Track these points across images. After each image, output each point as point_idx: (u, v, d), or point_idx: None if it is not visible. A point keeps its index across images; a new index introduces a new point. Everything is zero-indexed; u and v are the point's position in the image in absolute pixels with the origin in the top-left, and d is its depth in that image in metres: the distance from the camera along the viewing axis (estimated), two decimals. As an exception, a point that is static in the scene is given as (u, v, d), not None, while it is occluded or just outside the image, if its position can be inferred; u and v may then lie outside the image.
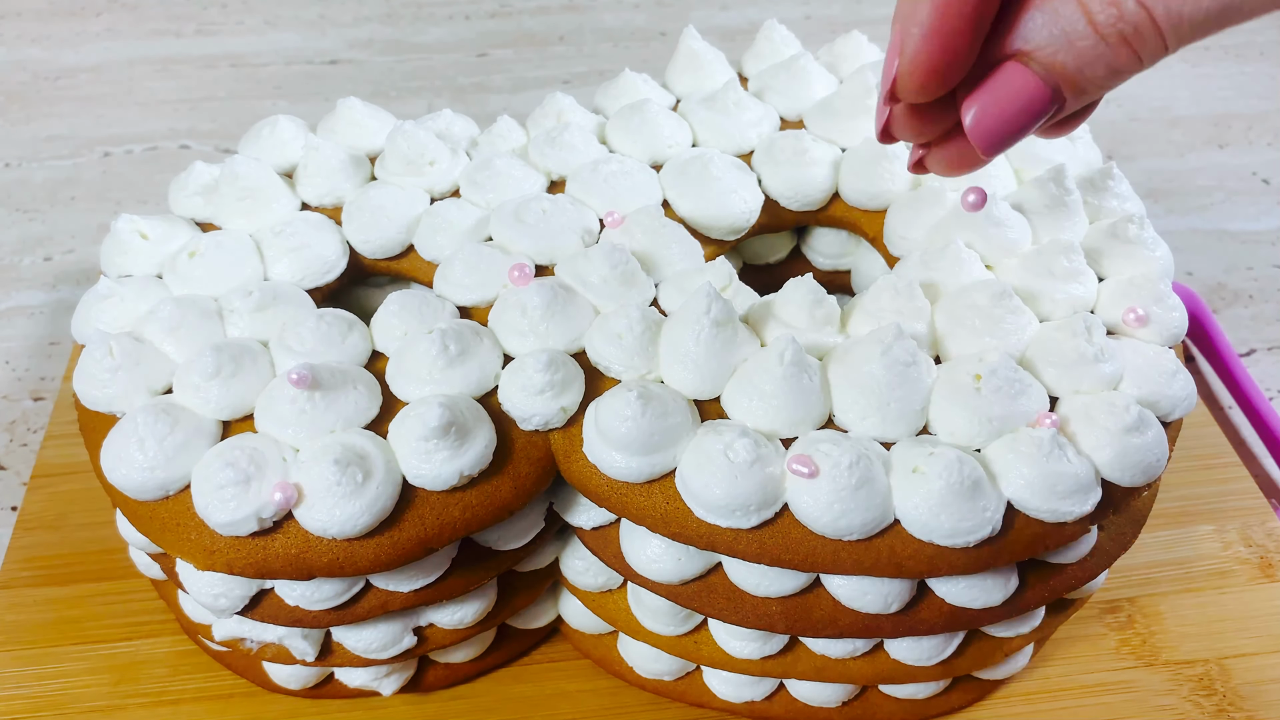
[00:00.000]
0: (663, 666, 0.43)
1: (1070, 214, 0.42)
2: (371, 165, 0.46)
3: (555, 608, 0.45)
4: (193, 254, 0.41)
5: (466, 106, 0.78)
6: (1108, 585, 0.47)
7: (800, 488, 0.34)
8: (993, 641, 0.40)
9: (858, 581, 0.36)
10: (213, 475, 0.34)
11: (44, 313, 0.63)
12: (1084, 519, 0.35)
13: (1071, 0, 0.24)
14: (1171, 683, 0.44)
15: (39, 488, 0.51)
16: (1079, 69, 0.24)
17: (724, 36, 0.84)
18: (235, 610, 0.38)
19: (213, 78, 0.81)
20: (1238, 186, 0.72)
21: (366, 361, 0.39)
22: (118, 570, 0.47)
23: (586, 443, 0.36)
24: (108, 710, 0.43)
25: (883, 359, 0.35)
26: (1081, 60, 0.24)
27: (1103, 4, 0.23)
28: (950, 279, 0.39)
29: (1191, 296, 0.59)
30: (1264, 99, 0.80)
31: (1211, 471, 0.52)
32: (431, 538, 0.35)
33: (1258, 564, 0.48)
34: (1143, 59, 0.24)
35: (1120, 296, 0.39)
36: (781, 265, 0.51)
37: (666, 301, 0.40)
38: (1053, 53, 0.24)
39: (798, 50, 0.51)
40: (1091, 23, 0.24)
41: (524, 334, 0.38)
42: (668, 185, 0.44)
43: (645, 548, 0.38)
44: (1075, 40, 0.24)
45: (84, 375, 0.38)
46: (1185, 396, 0.37)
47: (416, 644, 0.40)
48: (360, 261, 0.44)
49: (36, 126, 0.76)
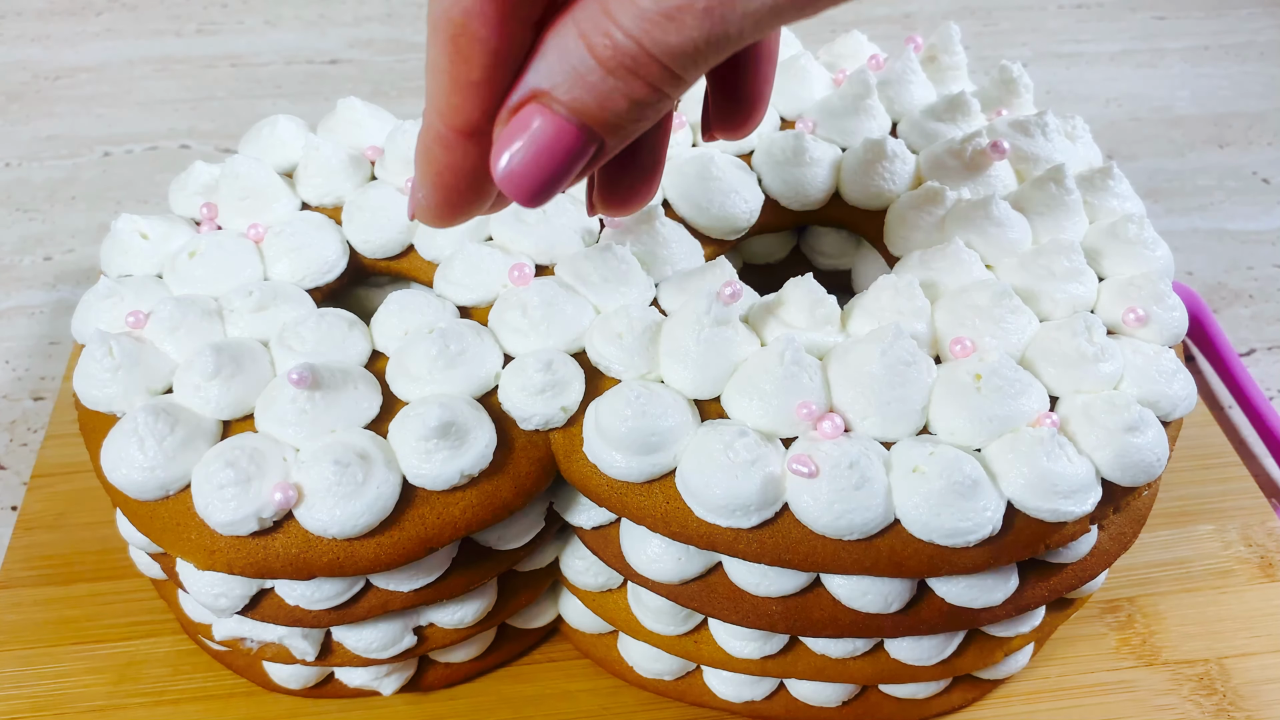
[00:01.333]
0: (663, 666, 0.43)
1: (1070, 214, 0.42)
2: (372, 166, 0.46)
3: (555, 607, 0.45)
4: (193, 254, 0.41)
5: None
6: (1108, 585, 0.47)
7: (800, 487, 0.34)
8: (993, 641, 0.40)
9: (858, 581, 0.36)
10: (213, 475, 0.34)
11: (44, 313, 0.63)
12: (1084, 518, 0.35)
13: (574, 34, 0.23)
14: (1171, 682, 0.44)
15: (39, 488, 0.51)
16: (599, 105, 0.23)
17: (724, 36, 0.84)
18: (235, 610, 0.38)
19: (213, 78, 0.81)
20: (1238, 186, 0.72)
21: (366, 361, 0.39)
22: (118, 570, 0.47)
23: (586, 442, 0.36)
24: (108, 710, 0.43)
25: (883, 359, 0.35)
26: (598, 95, 0.23)
27: (600, 36, 0.22)
28: (950, 279, 0.39)
29: (1191, 296, 0.59)
30: (1264, 99, 0.80)
31: (1211, 471, 0.52)
32: (432, 537, 0.35)
33: (1258, 564, 0.48)
34: (661, 88, 0.23)
35: (1120, 296, 0.39)
36: (781, 265, 0.51)
37: (666, 301, 0.40)
38: (569, 90, 0.23)
39: (798, 50, 0.51)
40: (595, 56, 0.23)
41: (524, 334, 0.38)
42: (668, 185, 0.44)
43: (645, 547, 0.38)
44: (585, 75, 0.23)
45: (84, 375, 0.38)
46: (1185, 396, 0.37)
47: (416, 644, 0.40)
48: (360, 261, 0.44)
49: (36, 126, 0.76)
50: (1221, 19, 0.88)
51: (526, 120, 0.24)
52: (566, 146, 0.24)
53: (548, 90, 0.23)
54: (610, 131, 0.24)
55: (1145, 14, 0.88)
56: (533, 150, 0.24)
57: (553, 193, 0.25)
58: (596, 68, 0.23)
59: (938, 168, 0.44)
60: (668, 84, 0.23)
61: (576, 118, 0.24)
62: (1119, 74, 0.82)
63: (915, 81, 0.49)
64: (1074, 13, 0.88)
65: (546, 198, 0.25)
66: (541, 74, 0.24)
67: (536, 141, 0.24)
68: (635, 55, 0.22)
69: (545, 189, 0.25)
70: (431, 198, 0.26)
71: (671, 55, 0.22)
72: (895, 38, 0.83)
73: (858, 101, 0.46)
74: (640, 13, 0.22)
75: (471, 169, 0.25)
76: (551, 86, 0.23)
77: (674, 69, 0.23)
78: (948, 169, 0.44)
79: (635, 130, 0.24)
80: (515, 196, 0.25)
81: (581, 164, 0.25)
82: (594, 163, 0.25)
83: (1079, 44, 0.85)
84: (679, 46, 0.22)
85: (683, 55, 0.22)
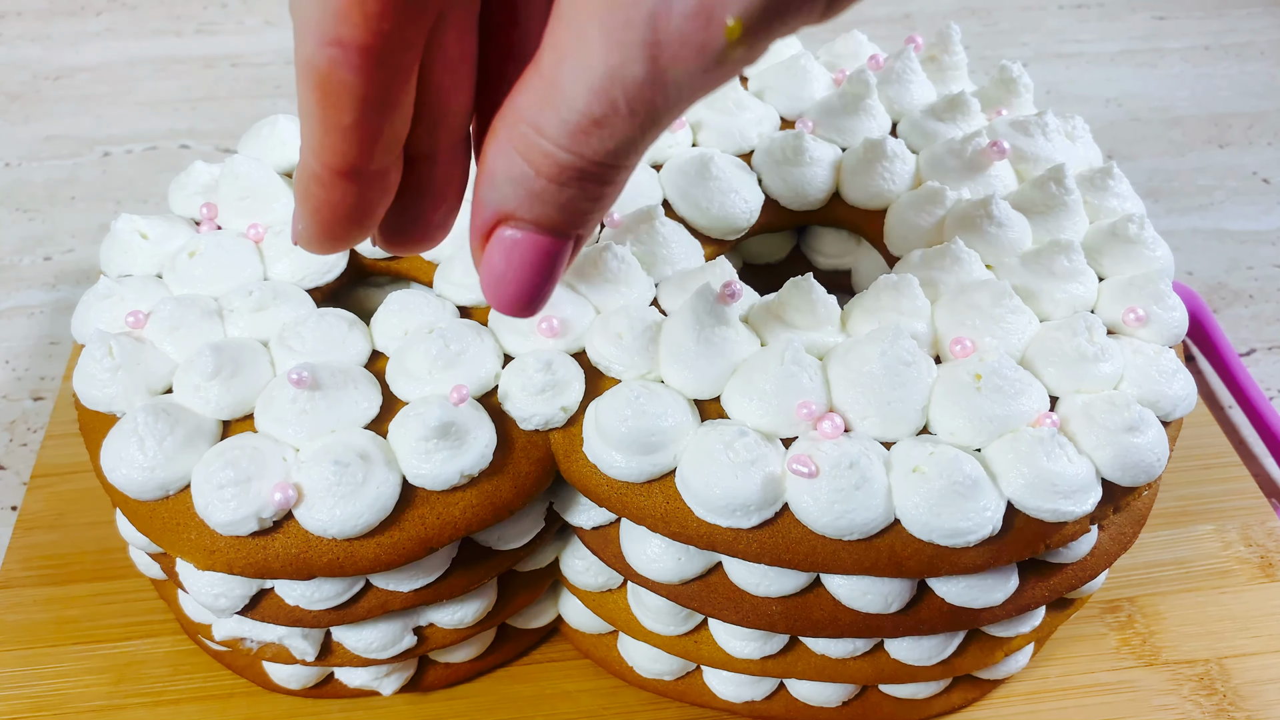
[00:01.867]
0: (663, 666, 0.43)
1: (1070, 213, 0.42)
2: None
3: (555, 608, 0.45)
4: (193, 254, 0.41)
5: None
6: (1108, 585, 0.47)
7: (800, 487, 0.34)
8: (993, 641, 0.40)
9: (858, 581, 0.36)
10: (213, 475, 0.34)
11: (44, 312, 0.63)
12: (1084, 518, 0.35)
13: (514, 154, 0.23)
14: (1172, 682, 0.44)
15: (39, 488, 0.51)
16: (564, 213, 0.24)
17: (724, 36, 0.84)
18: (235, 610, 0.38)
19: (213, 78, 0.81)
20: (1238, 186, 0.72)
21: (366, 361, 0.39)
22: (117, 570, 0.47)
23: (586, 442, 0.36)
24: (108, 710, 0.43)
25: (882, 359, 0.35)
26: (560, 206, 0.24)
27: (539, 156, 0.23)
28: (950, 279, 0.39)
29: (1191, 296, 0.59)
30: (1264, 99, 0.80)
31: (1211, 471, 0.52)
32: (432, 537, 0.35)
33: (1258, 564, 0.48)
34: (616, 178, 0.23)
35: (1120, 296, 0.39)
36: (781, 265, 0.51)
37: (666, 301, 0.40)
38: (531, 209, 0.24)
39: (798, 50, 0.51)
40: (543, 175, 0.23)
41: (524, 334, 0.38)
42: (668, 185, 0.44)
43: (645, 547, 0.38)
44: (541, 194, 0.23)
45: (84, 375, 0.38)
46: (1185, 396, 0.37)
47: (416, 644, 0.40)
48: (360, 261, 0.44)
49: (36, 126, 0.76)
50: (1221, 19, 0.88)
51: (502, 244, 0.24)
52: (548, 254, 0.25)
53: (511, 212, 0.24)
54: (582, 226, 0.24)
55: (1145, 14, 0.88)
56: (519, 269, 0.25)
57: (548, 295, 0.26)
58: (549, 185, 0.23)
59: (938, 168, 0.44)
60: (620, 175, 0.23)
61: (548, 230, 0.24)
62: (1119, 74, 0.82)
63: (915, 81, 0.49)
64: (1074, 13, 0.88)
65: (542, 304, 0.26)
66: (498, 196, 0.24)
67: (519, 260, 0.24)
68: (580, 166, 0.23)
69: (538, 296, 0.25)
70: (310, 230, 0.26)
71: (614, 156, 0.23)
72: (895, 38, 0.83)
73: (858, 101, 0.46)
74: (570, 127, 0.22)
75: (349, 206, 0.25)
76: (515, 208, 0.24)
77: (621, 165, 0.23)
78: (948, 169, 0.44)
79: (603, 213, 0.25)
80: (515, 314, 0.26)
81: (565, 262, 0.25)
82: (575, 254, 0.25)
83: (1079, 44, 0.85)
84: (618, 147, 0.22)
85: (623, 152, 0.23)
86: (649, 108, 0.22)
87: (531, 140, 0.23)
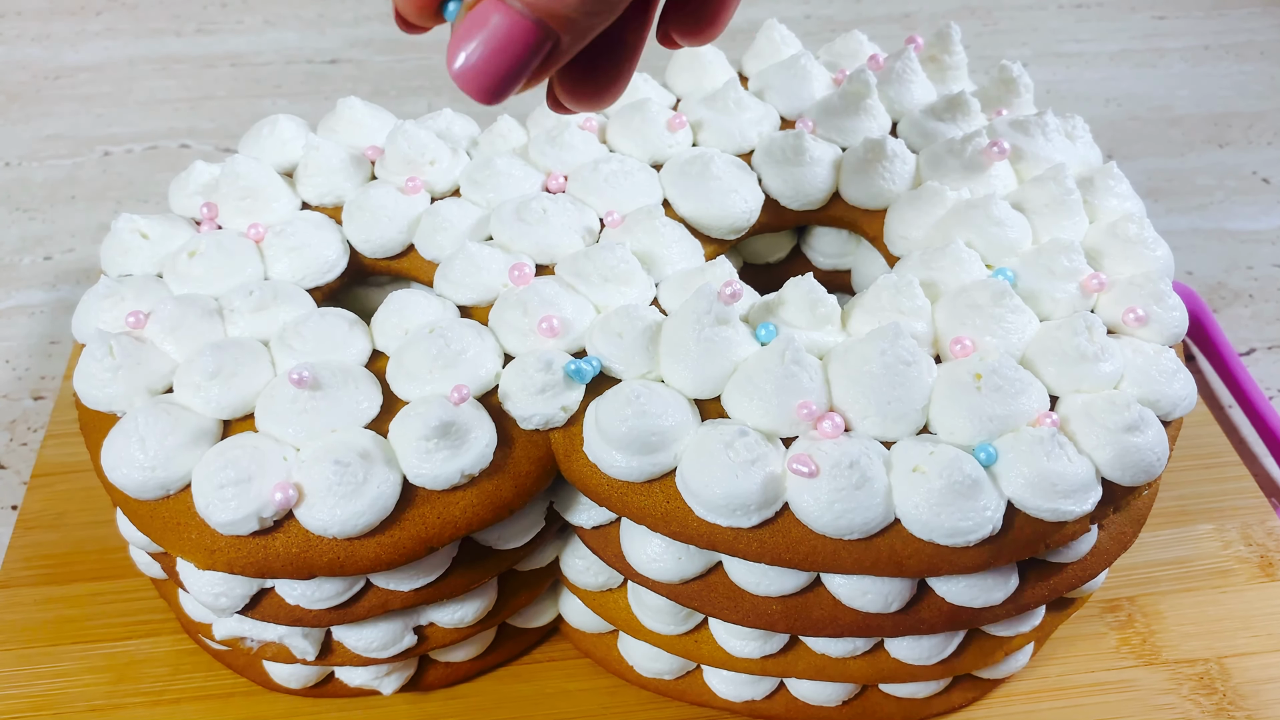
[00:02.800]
0: (663, 665, 0.43)
1: (1070, 213, 0.42)
2: (372, 165, 0.46)
3: (555, 607, 0.45)
4: (193, 254, 0.41)
5: (466, 106, 0.78)
6: (1108, 584, 0.47)
7: (800, 487, 0.34)
8: (993, 640, 0.40)
9: (858, 581, 0.36)
10: (213, 474, 0.34)
11: (44, 312, 0.63)
12: (1084, 518, 0.35)
13: None
14: (1171, 682, 0.44)
15: (39, 487, 0.51)
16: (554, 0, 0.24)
17: (724, 36, 0.84)
18: (235, 609, 0.38)
19: (213, 77, 0.81)
20: (1238, 185, 0.72)
21: (366, 361, 0.39)
22: (117, 569, 0.47)
23: (587, 442, 0.36)
24: (108, 709, 0.43)
25: (882, 358, 0.35)
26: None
27: None
28: (950, 278, 0.39)
29: (1191, 296, 0.59)
30: (1264, 98, 0.80)
31: (1211, 471, 0.52)
32: (432, 537, 0.35)
33: (1258, 563, 0.48)
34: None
35: (1120, 296, 0.39)
36: (781, 265, 0.51)
37: (667, 301, 0.40)
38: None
39: (798, 50, 0.51)
40: None
41: (524, 334, 0.38)
42: (668, 185, 0.44)
43: (645, 547, 0.38)
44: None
45: (84, 375, 0.38)
46: (1185, 396, 0.37)
47: (417, 643, 0.40)
48: (360, 261, 0.44)
49: (36, 126, 0.76)
50: (1221, 19, 0.88)
51: (483, 16, 0.24)
52: (523, 43, 0.24)
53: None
54: (567, 28, 0.24)
55: (1145, 14, 0.88)
56: (489, 47, 0.24)
57: (510, 90, 0.25)
58: None
59: (938, 168, 0.45)
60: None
61: (533, 13, 0.24)
62: (1119, 74, 0.82)
63: (915, 81, 0.49)
64: (1074, 13, 0.88)
65: (504, 95, 0.25)
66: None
67: (493, 38, 0.24)
68: None
69: (502, 86, 0.25)
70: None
71: None
72: (895, 38, 0.83)
73: (858, 101, 0.46)
74: None
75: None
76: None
77: None
78: (948, 169, 0.44)
79: (594, 27, 0.24)
80: (472, 93, 0.25)
81: (538, 61, 0.24)
82: (551, 60, 0.25)
83: (1079, 44, 0.85)
84: None
85: None
86: None
87: None
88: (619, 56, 0.29)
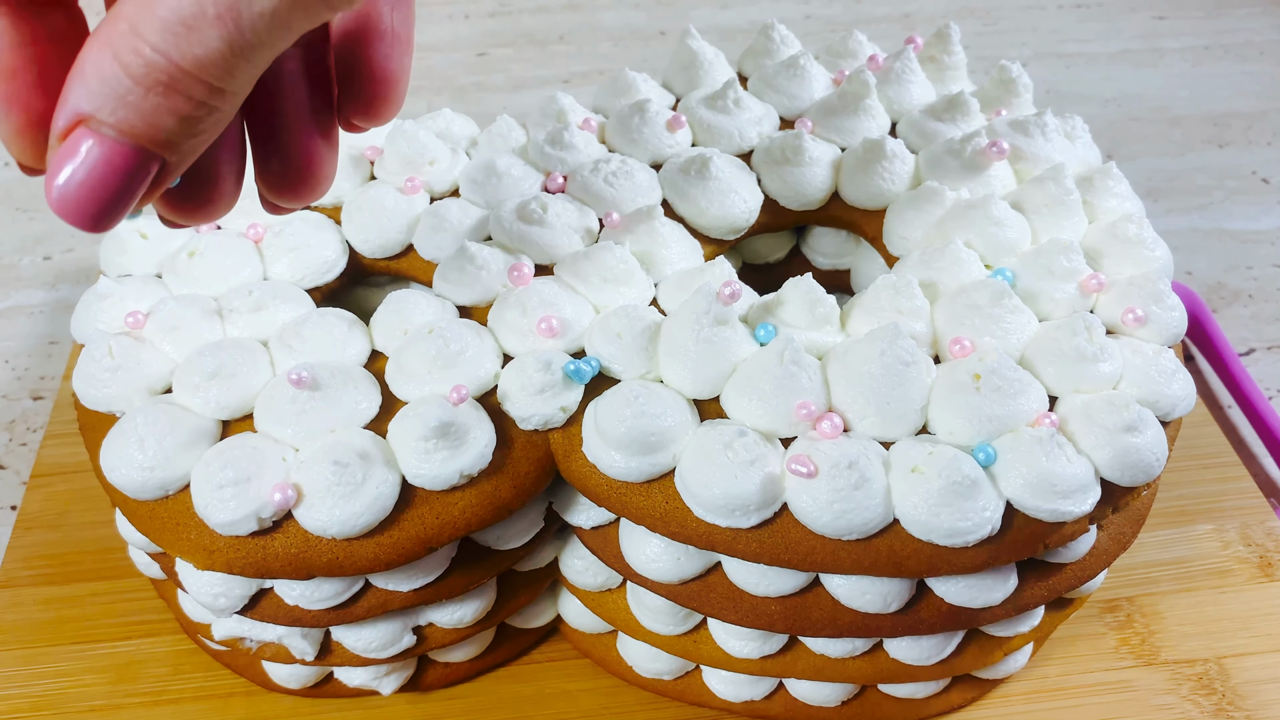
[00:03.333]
0: (662, 666, 0.43)
1: (1069, 213, 0.42)
2: (372, 166, 0.46)
3: (555, 607, 0.45)
4: (192, 253, 0.41)
5: (466, 106, 0.78)
6: (1107, 584, 0.47)
7: (799, 487, 0.34)
8: (992, 640, 0.40)
9: (857, 581, 0.36)
10: (212, 475, 0.34)
11: (44, 312, 0.63)
12: (1083, 518, 0.35)
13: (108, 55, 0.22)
14: (1171, 682, 0.44)
15: (39, 487, 0.51)
16: (147, 124, 0.23)
17: (724, 36, 0.84)
18: (235, 610, 0.38)
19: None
20: (1237, 186, 0.72)
21: (366, 361, 0.39)
22: (117, 570, 0.47)
23: (586, 442, 0.36)
24: (107, 709, 0.43)
25: (881, 358, 0.35)
26: (143, 115, 0.23)
27: (131, 54, 0.22)
28: (949, 278, 0.39)
29: (1191, 296, 0.59)
30: (1264, 98, 0.80)
31: (1211, 471, 0.52)
32: (431, 537, 0.35)
33: (1257, 563, 0.48)
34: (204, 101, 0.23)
35: (1119, 296, 0.39)
36: (781, 265, 0.51)
37: (666, 301, 0.40)
38: (113, 113, 0.23)
39: (798, 50, 0.51)
40: (130, 75, 0.22)
41: (524, 334, 0.38)
42: (667, 185, 0.44)
43: (644, 547, 0.38)
44: (125, 96, 0.22)
45: (83, 375, 0.38)
46: (1184, 396, 0.37)
47: (416, 643, 0.40)
48: (360, 261, 0.44)
49: (36, 126, 0.76)
50: (1221, 19, 0.88)
51: (76, 145, 0.23)
52: (123, 168, 0.23)
53: (92, 114, 0.23)
54: (167, 149, 0.24)
55: (1145, 14, 0.88)
56: (88, 174, 0.23)
57: (119, 215, 0.24)
58: (134, 87, 0.22)
59: (937, 168, 0.45)
60: (210, 96, 0.23)
61: (128, 139, 0.23)
62: (1118, 73, 0.82)
63: (915, 81, 0.49)
64: (1074, 12, 0.88)
65: (112, 221, 0.24)
66: (83, 96, 0.23)
67: (91, 165, 0.23)
68: (168, 70, 0.22)
69: (107, 212, 0.24)
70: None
71: (201, 67, 0.22)
72: (895, 38, 0.83)
73: (857, 101, 0.46)
74: (162, 25, 0.22)
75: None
76: (95, 110, 0.23)
77: (210, 81, 0.22)
78: (947, 169, 0.44)
79: (197, 145, 0.24)
80: (74, 222, 0.24)
81: (145, 183, 0.24)
82: (161, 180, 0.24)
83: (1079, 44, 0.85)
84: (206, 57, 0.22)
85: (212, 65, 0.22)
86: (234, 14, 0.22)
87: (126, 38, 0.22)
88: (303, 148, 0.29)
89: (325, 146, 0.29)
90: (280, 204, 0.30)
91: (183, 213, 0.28)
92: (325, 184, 0.30)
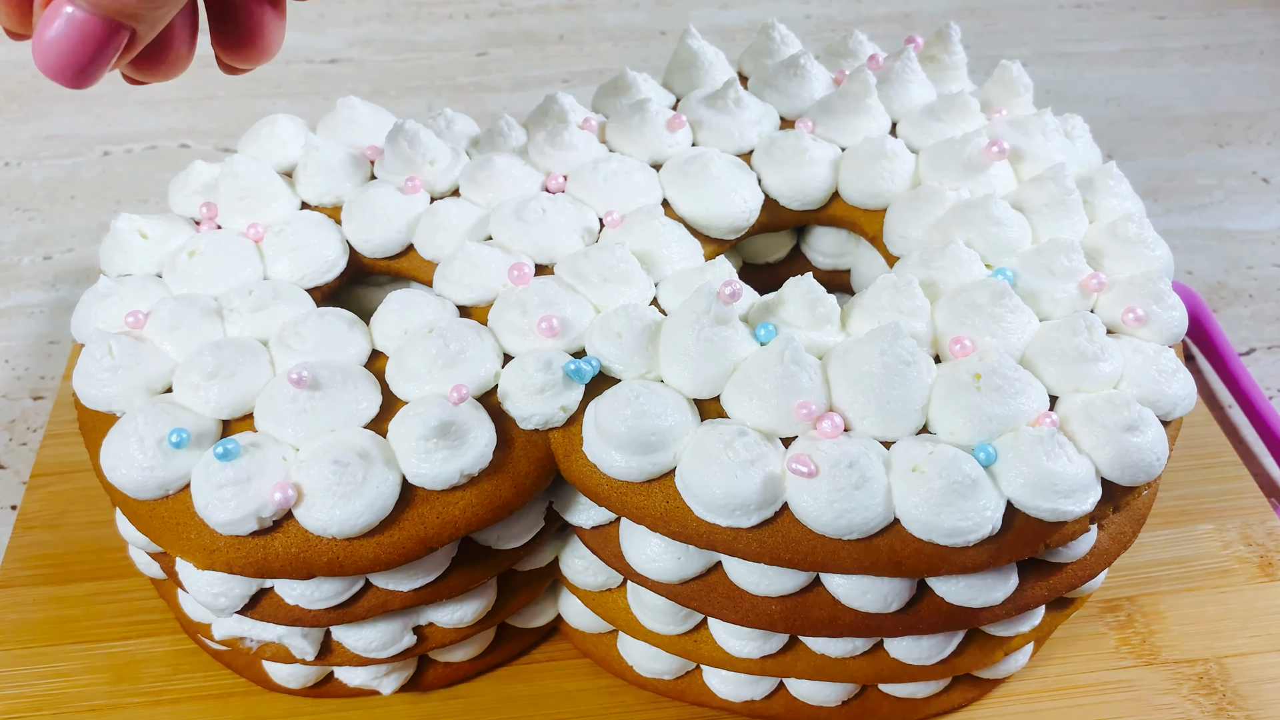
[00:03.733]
0: (662, 665, 0.43)
1: (1070, 213, 0.42)
2: (372, 165, 0.46)
3: (555, 607, 0.45)
4: (192, 253, 0.41)
5: (466, 106, 0.78)
6: (1107, 584, 0.47)
7: (800, 487, 0.34)
8: (992, 640, 0.40)
9: (857, 580, 0.36)
10: (212, 474, 0.34)
11: (44, 312, 0.63)
12: (1083, 518, 0.35)
13: None
14: (1171, 682, 0.44)
15: (38, 487, 0.51)
16: (118, 1, 0.26)
17: (724, 36, 0.84)
18: (235, 609, 0.38)
19: (212, 77, 0.80)
20: (1237, 185, 0.72)
21: (366, 361, 0.39)
22: (117, 569, 0.47)
23: (586, 442, 0.36)
24: (107, 709, 0.43)
25: (882, 358, 0.35)
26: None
27: None
28: (950, 278, 0.39)
29: (1191, 296, 0.59)
30: (1264, 98, 0.80)
31: (1211, 471, 0.52)
32: (431, 537, 0.35)
33: (1257, 563, 0.48)
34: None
35: (1120, 296, 0.39)
36: (781, 265, 0.51)
37: (666, 301, 0.40)
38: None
39: (798, 50, 0.51)
40: None
41: (524, 334, 0.38)
42: (668, 185, 0.44)
43: (645, 547, 0.38)
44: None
45: (83, 374, 0.38)
46: (1185, 396, 0.37)
47: (416, 643, 0.40)
48: (360, 261, 0.44)
49: (36, 126, 0.76)
50: (1221, 19, 0.88)
51: (55, 14, 0.27)
52: (96, 37, 0.27)
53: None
54: (136, 20, 0.27)
55: (1145, 14, 0.88)
56: (65, 41, 0.27)
57: (96, 75, 0.27)
58: None
59: (937, 168, 0.44)
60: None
61: (99, 11, 0.26)
62: (1118, 73, 0.82)
63: (915, 81, 0.49)
64: (1074, 12, 0.88)
65: (90, 80, 0.28)
66: None
67: (67, 33, 0.27)
68: None
69: (84, 73, 0.27)
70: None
71: None
72: (895, 38, 0.83)
73: (858, 101, 0.46)
74: None
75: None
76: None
77: None
78: (947, 169, 0.44)
79: (161, 17, 0.27)
80: (57, 80, 0.27)
81: (116, 51, 0.27)
82: (131, 46, 0.28)
83: (1079, 43, 0.85)
84: None
85: None
86: None
87: None
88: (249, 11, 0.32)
89: (272, 13, 0.32)
90: (234, 65, 0.33)
91: (143, 71, 0.30)
92: (274, 47, 0.33)
